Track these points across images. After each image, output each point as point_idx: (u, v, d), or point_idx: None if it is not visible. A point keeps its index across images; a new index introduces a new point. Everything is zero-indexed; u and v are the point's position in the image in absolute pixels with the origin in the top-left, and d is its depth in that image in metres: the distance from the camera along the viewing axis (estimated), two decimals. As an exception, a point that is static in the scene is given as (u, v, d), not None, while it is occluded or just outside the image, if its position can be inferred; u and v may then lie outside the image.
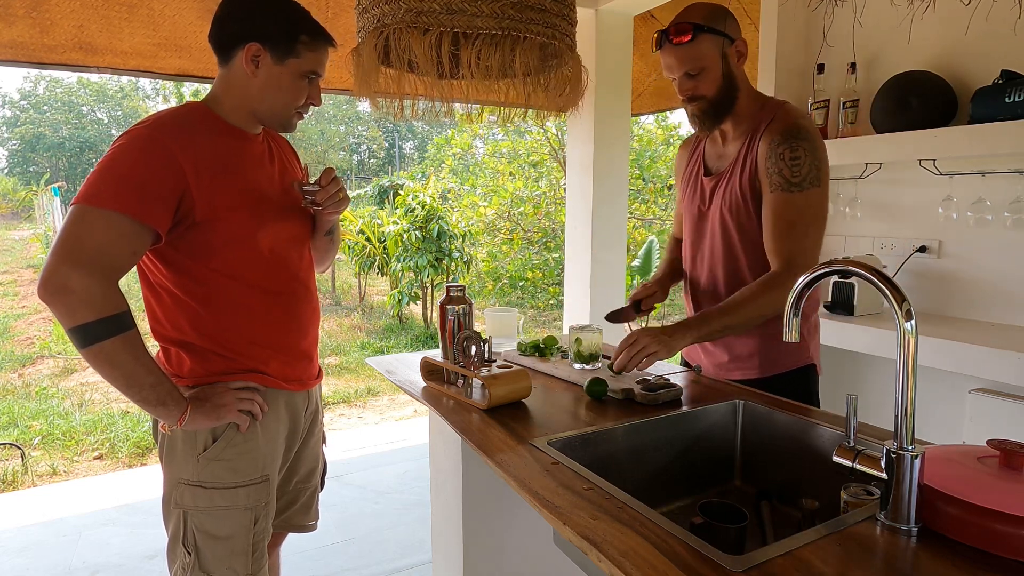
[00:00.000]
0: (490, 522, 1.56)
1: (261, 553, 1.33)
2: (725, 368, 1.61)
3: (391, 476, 3.33)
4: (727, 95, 1.48)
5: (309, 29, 1.27)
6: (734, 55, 1.47)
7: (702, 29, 1.42)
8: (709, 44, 1.43)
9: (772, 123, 1.46)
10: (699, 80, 1.46)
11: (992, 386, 1.92)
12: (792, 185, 1.41)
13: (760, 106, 1.52)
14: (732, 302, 1.44)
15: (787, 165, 1.41)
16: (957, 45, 2.11)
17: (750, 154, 1.48)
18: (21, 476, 3.77)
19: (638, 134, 10.10)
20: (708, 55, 1.44)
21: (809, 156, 1.40)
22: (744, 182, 1.49)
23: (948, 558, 0.76)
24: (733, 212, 1.52)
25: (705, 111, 1.49)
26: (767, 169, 1.44)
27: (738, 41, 1.48)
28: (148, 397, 1.16)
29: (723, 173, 1.55)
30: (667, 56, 1.48)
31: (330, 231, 1.50)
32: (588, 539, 0.81)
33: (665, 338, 1.43)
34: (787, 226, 1.42)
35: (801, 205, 1.41)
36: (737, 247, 1.54)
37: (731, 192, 1.52)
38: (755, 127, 1.49)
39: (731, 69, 1.47)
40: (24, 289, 9.78)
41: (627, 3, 3.09)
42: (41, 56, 2.67)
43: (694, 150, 1.69)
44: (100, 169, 1.13)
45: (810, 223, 1.42)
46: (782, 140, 1.42)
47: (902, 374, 0.81)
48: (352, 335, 7.94)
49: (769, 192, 1.44)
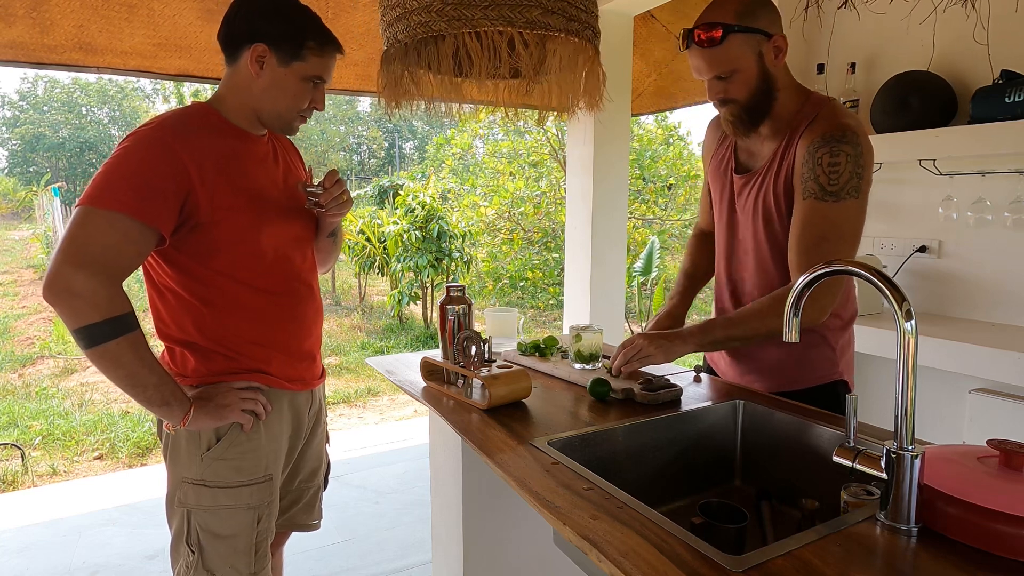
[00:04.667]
0: (490, 522, 1.56)
1: (264, 552, 1.33)
2: (748, 380, 1.51)
3: (391, 476, 3.33)
4: (764, 96, 1.32)
5: (317, 35, 1.27)
6: (771, 52, 1.30)
7: (733, 29, 1.26)
8: (741, 44, 1.27)
9: (814, 123, 1.30)
10: (730, 83, 1.31)
11: (992, 386, 1.92)
12: (828, 194, 1.25)
13: (802, 103, 1.35)
14: (740, 314, 1.36)
15: (824, 171, 1.25)
16: (957, 45, 2.11)
17: (787, 156, 1.33)
18: (21, 476, 3.77)
19: (638, 134, 10.10)
20: (741, 56, 1.28)
21: (851, 163, 1.24)
22: (779, 188, 1.34)
23: (948, 558, 0.76)
24: (765, 222, 1.38)
25: (738, 115, 1.35)
26: (803, 174, 1.28)
27: (776, 36, 1.30)
28: (152, 397, 1.16)
29: (755, 173, 1.40)
30: (694, 58, 1.33)
31: (333, 233, 1.51)
32: (588, 539, 0.81)
33: (664, 343, 1.39)
34: (816, 239, 1.26)
35: (834, 217, 1.25)
36: (767, 259, 1.40)
37: (763, 199, 1.38)
38: (795, 126, 1.33)
39: (768, 68, 1.31)
40: (24, 289, 9.77)
41: (627, 3, 3.10)
42: (41, 56, 2.67)
43: (725, 135, 1.52)
44: (105, 170, 1.14)
45: (842, 238, 1.26)
46: (823, 143, 1.25)
47: (902, 374, 0.81)
48: (352, 335, 7.94)
49: (802, 199, 1.28)
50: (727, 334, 1.36)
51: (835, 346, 1.43)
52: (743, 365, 1.52)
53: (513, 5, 1.26)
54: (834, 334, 1.43)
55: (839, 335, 1.44)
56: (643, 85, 4.14)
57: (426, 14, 1.28)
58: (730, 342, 1.39)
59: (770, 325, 1.31)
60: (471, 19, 1.26)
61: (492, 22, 1.26)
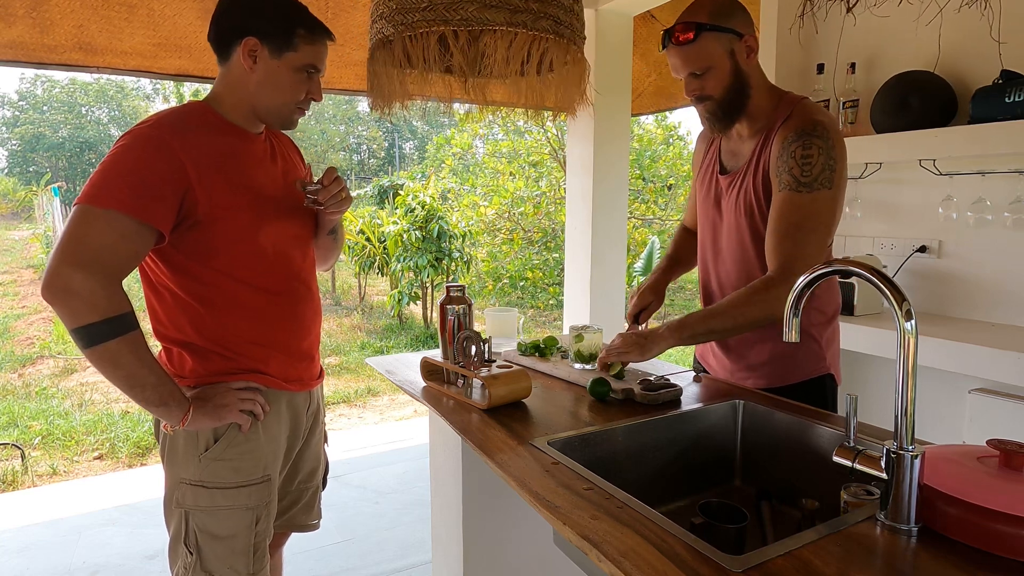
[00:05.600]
0: (490, 522, 1.56)
1: (263, 553, 1.33)
2: (737, 376, 1.55)
3: (391, 476, 3.33)
4: (737, 94, 1.41)
5: (306, 23, 1.27)
6: (743, 51, 1.39)
7: (705, 28, 1.36)
8: (714, 42, 1.37)
9: (788, 120, 1.38)
10: (705, 80, 1.40)
11: (992, 386, 1.92)
12: (801, 185, 1.32)
13: (776, 103, 1.44)
14: (718, 307, 1.38)
15: (798, 163, 1.32)
16: (957, 45, 2.11)
17: (764, 153, 1.41)
18: (21, 476, 3.77)
19: (638, 134, 10.10)
20: (714, 54, 1.37)
21: (823, 155, 1.31)
22: (758, 183, 1.42)
23: (948, 558, 0.76)
24: (747, 216, 1.45)
25: (714, 112, 1.43)
26: (777, 167, 1.36)
27: (747, 36, 1.39)
28: (150, 397, 1.16)
29: (737, 172, 1.49)
30: (672, 56, 1.43)
31: (333, 230, 1.50)
32: (588, 539, 0.81)
33: (641, 342, 1.42)
34: (790, 228, 1.33)
35: (808, 207, 1.32)
36: (751, 252, 1.46)
37: (744, 194, 1.45)
38: (770, 125, 1.42)
39: (740, 66, 1.40)
40: (24, 289, 9.78)
41: (627, 3, 3.10)
42: (41, 56, 2.67)
43: (711, 143, 1.62)
44: (102, 169, 1.13)
45: (814, 228, 1.33)
46: (796, 137, 1.33)
47: (902, 374, 0.81)
48: (352, 335, 7.94)
49: (778, 191, 1.36)
50: (707, 327, 1.39)
51: (821, 340, 1.48)
52: (733, 363, 1.56)
53: (448, 5, 1.32)
54: (819, 329, 1.48)
55: (824, 329, 1.49)
56: (643, 85, 4.14)
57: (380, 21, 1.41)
58: (710, 335, 1.42)
59: (749, 315, 1.34)
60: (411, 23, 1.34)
61: (429, 24, 1.33)
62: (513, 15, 1.34)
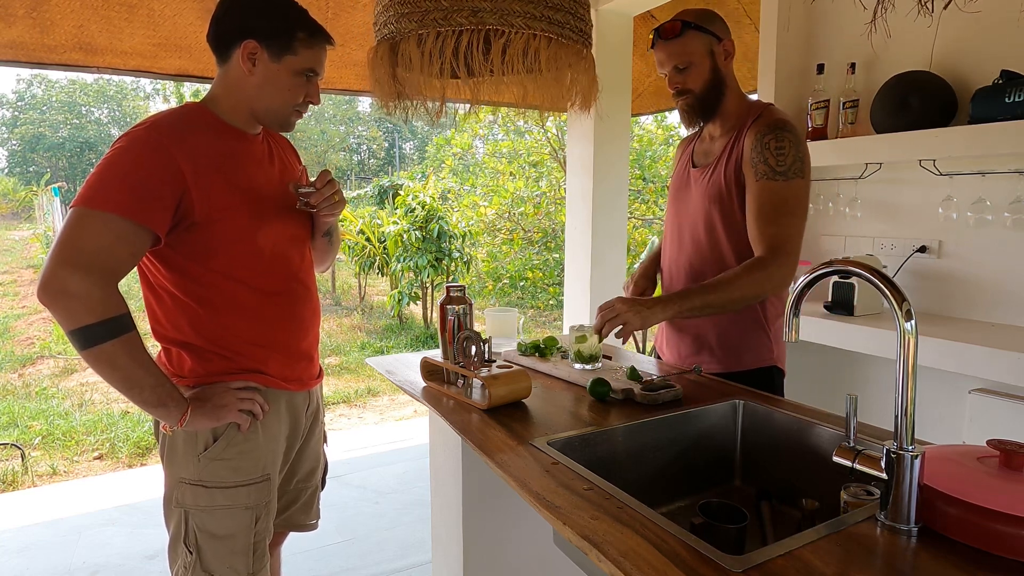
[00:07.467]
0: (490, 522, 1.56)
1: (262, 552, 1.33)
2: (687, 358, 1.64)
3: (391, 476, 3.33)
4: (714, 91, 1.56)
5: (306, 27, 1.27)
6: (721, 53, 1.55)
7: (690, 26, 1.52)
8: (697, 40, 1.52)
9: (759, 119, 1.52)
10: (687, 75, 1.55)
11: (992, 386, 1.92)
12: (777, 174, 1.45)
13: (746, 106, 1.59)
14: (716, 281, 1.45)
15: (773, 154, 1.45)
16: (957, 45, 2.11)
17: (736, 147, 1.54)
18: (21, 476, 3.77)
19: (638, 134, 10.09)
20: (696, 51, 1.53)
21: (794, 148, 1.45)
22: (728, 173, 1.54)
23: (948, 558, 0.76)
24: (716, 201, 1.56)
25: (692, 105, 1.57)
26: (752, 159, 1.48)
27: (726, 40, 1.55)
28: (148, 398, 1.16)
29: (708, 166, 1.61)
30: (658, 51, 1.57)
31: (328, 233, 1.50)
32: (588, 539, 0.81)
33: (643, 309, 1.43)
34: (772, 213, 1.45)
35: (785, 193, 1.44)
36: (720, 235, 1.56)
37: (715, 183, 1.56)
38: (740, 124, 1.56)
39: (718, 66, 1.55)
40: (24, 289, 9.78)
41: (627, 3, 3.10)
42: (41, 56, 2.66)
43: (686, 148, 1.76)
44: (99, 171, 1.13)
45: (793, 211, 1.45)
46: (768, 131, 1.47)
47: (902, 374, 0.81)
48: (352, 335, 7.94)
49: (755, 181, 1.47)
50: (704, 300, 1.44)
51: (770, 333, 1.58)
52: (687, 347, 1.65)
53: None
54: (771, 321, 1.58)
55: (775, 322, 1.59)
56: (643, 85, 4.14)
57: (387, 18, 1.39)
58: (707, 308, 1.46)
59: (744, 291, 1.43)
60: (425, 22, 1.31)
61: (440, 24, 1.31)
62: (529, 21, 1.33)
